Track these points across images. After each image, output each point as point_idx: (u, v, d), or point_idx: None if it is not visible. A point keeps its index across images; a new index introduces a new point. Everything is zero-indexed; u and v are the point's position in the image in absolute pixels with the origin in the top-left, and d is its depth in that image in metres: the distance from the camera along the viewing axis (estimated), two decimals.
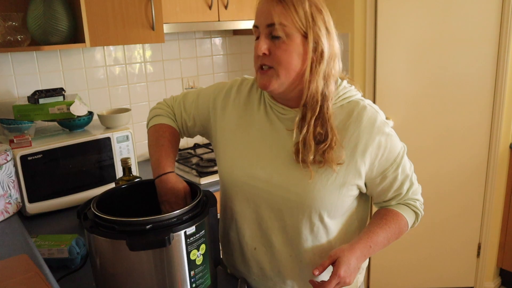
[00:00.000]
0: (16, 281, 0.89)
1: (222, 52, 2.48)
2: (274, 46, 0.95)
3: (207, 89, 1.21)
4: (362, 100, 1.04)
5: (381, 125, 1.00)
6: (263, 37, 0.96)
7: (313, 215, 1.02)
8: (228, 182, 1.11)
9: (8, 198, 1.40)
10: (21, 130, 1.66)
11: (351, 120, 1.00)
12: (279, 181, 1.02)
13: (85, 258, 1.24)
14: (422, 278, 2.58)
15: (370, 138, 0.99)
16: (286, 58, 0.95)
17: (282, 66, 0.96)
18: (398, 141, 1.04)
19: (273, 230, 1.06)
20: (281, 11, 0.93)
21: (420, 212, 1.12)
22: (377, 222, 1.07)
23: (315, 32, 0.94)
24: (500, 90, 2.22)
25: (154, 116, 1.21)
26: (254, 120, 1.09)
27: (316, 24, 0.94)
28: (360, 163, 0.99)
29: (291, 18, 0.93)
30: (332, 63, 0.97)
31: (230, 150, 1.11)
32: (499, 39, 2.16)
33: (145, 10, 1.76)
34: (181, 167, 2.06)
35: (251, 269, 1.13)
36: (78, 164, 1.64)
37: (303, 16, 0.93)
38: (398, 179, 1.05)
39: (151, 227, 0.88)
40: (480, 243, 2.50)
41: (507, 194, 2.42)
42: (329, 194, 0.99)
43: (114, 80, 2.13)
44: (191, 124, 1.20)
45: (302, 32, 0.94)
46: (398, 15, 2.18)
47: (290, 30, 0.93)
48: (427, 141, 2.33)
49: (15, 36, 1.65)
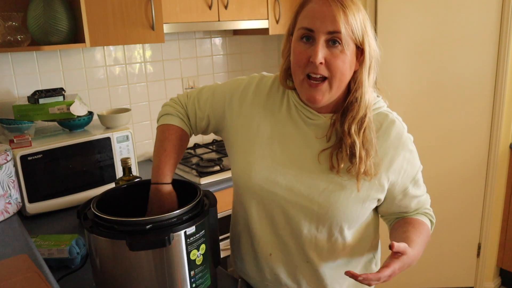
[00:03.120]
0: (16, 281, 0.89)
1: (222, 52, 2.47)
2: (331, 54, 0.89)
3: (223, 85, 1.13)
4: (390, 112, 1.02)
5: (406, 140, 1.00)
6: (321, 44, 0.89)
7: (333, 226, 0.99)
8: (243, 186, 1.05)
9: (8, 198, 1.40)
10: (21, 130, 1.66)
11: (380, 134, 0.98)
12: (301, 190, 0.98)
13: (85, 258, 1.24)
14: (422, 278, 2.58)
15: (396, 154, 0.98)
16: (342, 69, 0.90)
17: (337, 78, 0.91)
18: (418, 159, 1.04)
19: (290, 237, 1.03)
20: (343, 17, 0.87)
21: (434, 220, 1.12)
22: (413, 231, 1.02)
23: (369, 43, 0.91)
24: (500, 90, 2.22)
25: (164, 115, 1.14)
26: (276, 122, 1.03)
27: (368, 35, 0.91)
28: (384, 177, 0.98)
29: (352, 26, 0.88)
30: (377, 69, 0.96)
31: (247, 152, 1.04)
32: (499, 39, 2.16)
33: (145, 10, 1.76)
34: (181, 167, 2.06)
35: (265, 275, 1.09)
36: (78, 164, 1.64)
37: (359, 24, 0.89)
38: (416, 196, 1.05)
39: (151, 227, 0.88)
40: (480, 243, 2.49)
41: (507, 194, 2.42)
42: (351, 207, 0.97)
43: (114, 80, 2.13)
44: (205, 123, 1.13)
45: (357, 41, 0.90)
46: (398, 15, 2.18)
47: (348, 38, 0.89)
48: (427, 141, 2.33)
49: (15, 36, 1.65)
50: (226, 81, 1.15)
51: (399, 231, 1.04)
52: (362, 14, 0.91)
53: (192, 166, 2.03)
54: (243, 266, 1.15)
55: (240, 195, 1.08)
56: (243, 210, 1.08)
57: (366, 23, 0.91)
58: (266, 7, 2.14)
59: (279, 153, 1.01)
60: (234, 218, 1.16)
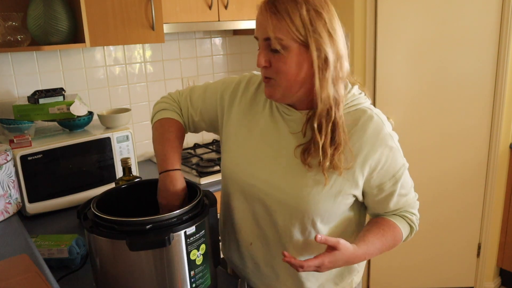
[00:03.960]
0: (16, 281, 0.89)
1: (222, 52, 2.47)
2: (274, 58, 0.94)
3: (215, 83, 1.19)
4: (370, 109, 1.01)
5: (385, 137, 0.99)
6: (262, 49, 0.96)
7: (305, 219, 1.01)
8: (228, 178, 1.12)
9: (8, 198, 1.40)
10: (21, 130, 1.66)
11: (356, 129, 0.98)
12: (277, 183, 1.02)
13: (85, 258, 1.24)
14: (422, 278, 2.58)
15: (372, 150, 0.97)
16: (286, 70, 0.94)
17: (282, 77, 0.95)
18: (401, 157, 1.03)
19: (268, 228, 1.07)
20: (276, 23, 0.90)
21: (415, 227, 1.09)
22: (374, 231, 1.03)
23: (316, 40, 0.90)
24: (500, 90, 2.22)
25: (159, 110, 1.18)
26: (259, 119, 1.08)
27: (316, 31, 0.90)
28: (358, 173, 0.98)
29: (287, 30, 0.90)
30: (338, 65, 0.94)
31: (233, 147, 1.11)
32: (499, 39, 2.16)
33: (145, 10, 1.76)
34: (181, 167, 2.06)
35: (246, 263, 1.15)
36: (78, 164, 1.64)
37: (300, 25, 0.89)
38: (395, 195, 1.03)
39: (151, 227, 0.88)
40: (480, 243, 2.50)
41: (507, 194, 2.42)
42: (323, 201, 0.99)
43: (114, 80, 2.13)
44: (198, 119, 1.18)
45: (301, 41, 0.91)
46: (398, 15, 2.18)
47: (287, 42, 0.91)
48: (427, 141, 2.33)
49: (15, 36, 1.65)
50: (218, 80, 1.20)
51: (364, 228, 1.07)
52: (306, 14, 0.89)
53: (192, 166, 2.03)
54: (229, 253, 1.20)
55: (226, 186, 1.14)
56: (227, 200, 1.14)
57: (314, 21, 0.90)
58: None
59: (260, 148, 1.06)
60: (222, 208, 1.21)
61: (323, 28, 0.91)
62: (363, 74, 2.28)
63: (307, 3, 0.90)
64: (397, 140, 1.02)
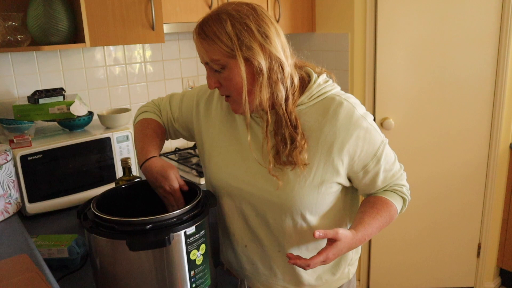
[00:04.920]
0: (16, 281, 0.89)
1: None
2: (220, 77, 0.98)
3: (192, 91, 1.23)
4: (338, 95, 1.02)
5: (358, 119, 0.99)
6: (209, 72, 0.99)
7: (294, 214, 1.03)
8: (214, 184, 1.13)
9: (8, 198, 1.40)
10: (21, 130, 1.66)
11: (327, 118, 0.99)
12: (261, 184, 1.03)
13: (85, 258, 1.24)
14: (422, 278, 2.58)
15: (347, 135, 0.98)
16: (234, 85, 0.96)
17: (235, 92, 0.98)
18: (378, 134, 1.03)
19: (259, 227, 1.08)
20: (207, 47, 0.94)
21: (407, 197, 1.10)
22: (369, 212, 1.05)
23: (243, 52, 0.92)
24: (500, 90, 2.22)
25: (140, 113, 1.25)
26: (237, 123, 1.10)
27: (243, 43, 0.92)
28: (337, 161, 0.99)
29: (219, 50, 0.93)
30: (276, 69, 0.95)
31: (215, 153, 1.12)
32: (499, 39, 2.16)
33: (145, 10, 1.76)
34: (181, 167, 2.06)
35: (244, 265, 1.15)
36: (78, 164, 1.64)
37: (228, 41, 0.92)
38: (380, 172, 1.04)
39: (151, 227, 0.88)
40: (480, 243, 2.50)
41: (507, 194, 2.42)
42: (307, 194, 1.00)
43: (114, 80, 2.13)
44: (177, 125, 1.23)
45: (232, 56, 0.93)
46: (398, 15, 2.18)
47: (223, 61, 0.94)
48: (427, 141, 2.33)
49: (15, 36, 1.65)
50: (195, 87, 1.24)
51: (358, 211, 1.08)
52: (231, 29, 0.92)
53: (192, 166, 2.03)
54: (227, 259, 1.21)
55: (213, 192, 1.14)
56: (218, 207, 1.15)
57: (240, 33, 0.92)
58: (266, 7, 2.15)
59: (240, 151, 1.07)
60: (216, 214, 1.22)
61: (251, 38, 0.92)
62: (363, 74, 2.28)
63: (231, 18, 0.93)
64: (372, 120, 1.03)
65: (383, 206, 1.06)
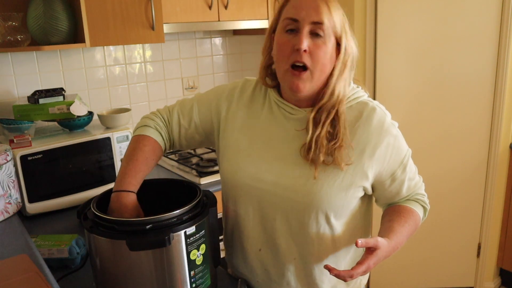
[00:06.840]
0: (16, 281, 0.89)
1: (222, 52, 2.47)
2: (314, 45, 0.95)
3: (207, 94, 1.17)
4: (370, 101, 1.04)
5: (389, 126, 1.01)
6: (305, 33, 0.94)
7: (319, 215, 1.01)
8: (232, 185, 1.09)
9: (8, 198, 1.40)
10: (21, 130, 1.66)
11: (361, 122, 1.00)
12: (286, 183, 1.01)
13: (85, 258, 1.24)
14: (422, 278, 2.58)
15: (379, 141, 0.99)
16: (323, 59, 0.95)
17: (318, 68, 0.96)
18: (404, 143, 1.05)
19: (279, 232, 1.04)
20: (327, 11, 0.94)
21: (428, 206, 1.13)
22: (397, 220, 1.05)
23: (347, 38, 0.97)
24: (500, 90, 2.22)
25: (142, 126, 1.12)
26: (259, 121, 1.07)
27: (347, 31, 0.98)
28: (367, 165, 0.99)
29: (334, 21, 0.95)
30: (354, 66, 1.00)
31: (234, 153, 1.08)
32: (499, 39, 2.16)
33: (145, 10, 1.76)
34: (181, 167, 2.06)
35: (255, 271, 1.11)
36: (78, 164, 1.64)
37: (339, 21, 0.96)
38: (406, 180, 1.06)
39: (151, 227, 0.88)
40: (480, 243, 2.50)
41: (507, 194, 2.42)
42: (335, 195, 0.99)
43: (114, 80, 2.13)
44: (192, 132, 1.14)
45: (337, 36, 0.96)
46: (398, 15, 2.18)
47: (330, 32, 0.95)
48: (427, 141, 2.33)
49: (15, 36, 1.65)
50: (208, 90, 1.19)
51: (385, 220, 1.08)
52: (342, 13, 0.98)
53: (192, 166, 2.03)
54: (236, 264, 1.17)
55: (229, 193, 1.11)
56: (233, 208, 1.11)
57: (345, 22, 0.98)
58: (266, 7, 2.15)
59: (263, 151, 1.05)
60: (224, 217, 1.18)
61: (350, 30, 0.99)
62: (363, 74, 2.28)
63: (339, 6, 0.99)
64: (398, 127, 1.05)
65: (409, 215, 1.07)
